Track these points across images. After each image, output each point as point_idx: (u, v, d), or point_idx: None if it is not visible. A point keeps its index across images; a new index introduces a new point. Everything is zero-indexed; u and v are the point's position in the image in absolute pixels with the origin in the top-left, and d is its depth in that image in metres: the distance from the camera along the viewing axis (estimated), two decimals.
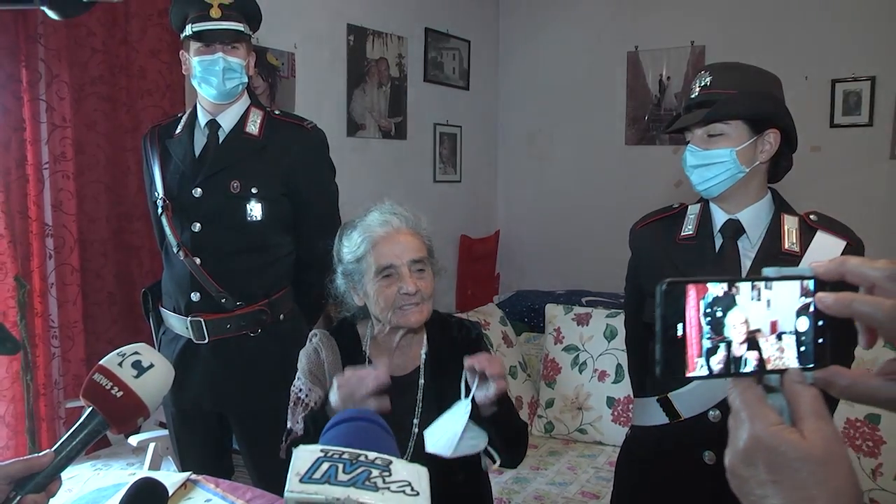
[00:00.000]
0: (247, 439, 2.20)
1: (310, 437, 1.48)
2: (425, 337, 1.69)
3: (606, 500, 2.56)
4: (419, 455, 1.55)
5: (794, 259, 1.59)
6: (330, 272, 1.70)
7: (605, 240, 4.42)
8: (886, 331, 0.60)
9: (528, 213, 4.94)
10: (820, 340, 0.63)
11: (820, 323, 0.63)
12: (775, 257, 1.60)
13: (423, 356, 1.67)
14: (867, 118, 3.80)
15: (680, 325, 0.60)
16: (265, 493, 1.66)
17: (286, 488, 0.64)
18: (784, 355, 0.62)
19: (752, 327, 0.62)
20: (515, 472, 2.86)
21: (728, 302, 0.61)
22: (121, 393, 0.98)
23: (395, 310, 1.57)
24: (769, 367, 0.62)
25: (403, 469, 0.68)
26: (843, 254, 1.58)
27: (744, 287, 0.62)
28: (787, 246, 1.61)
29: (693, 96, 1.67)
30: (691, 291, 0.61)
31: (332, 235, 1.73)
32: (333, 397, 1.42)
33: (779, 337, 0.62)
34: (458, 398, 1.60)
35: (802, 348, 0.63)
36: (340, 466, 0.66)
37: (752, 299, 0.62)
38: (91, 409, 0.98)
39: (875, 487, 2.68)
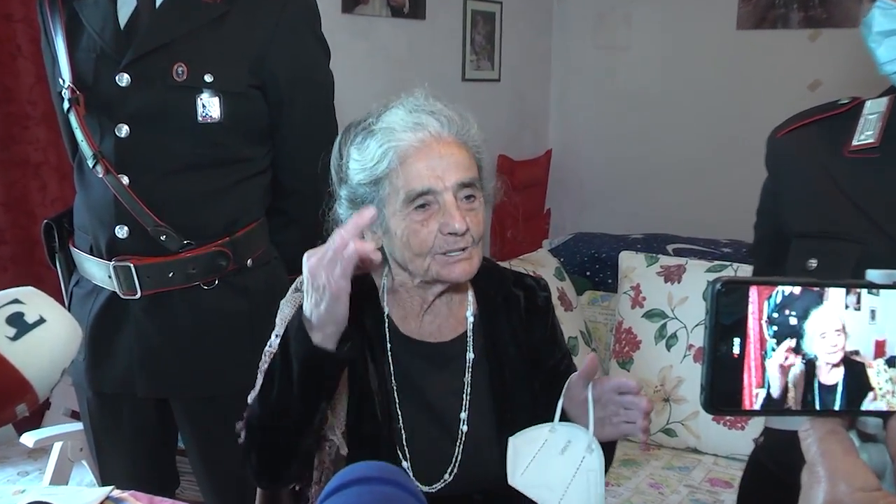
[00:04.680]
0: (197, 436, 2.15)
1: (276, 380, 1.42)
2: (471, 293, 1.66)
3: None
4: (468, 467, 1.56)
5: None
6: (326, 199, 1.64)
7: (700, 165, 4.44)
8: None
9: (591, 126, 4.90)
10: None
11: None
12: None
13: (471, 320, 1.64)
14: None
15: (737, 340, 0.62)
16: None
17: None
18: None
19: (848, 347, 0.61)
20: None
21: (809, 306, 0.61)
22: None
23: (434, 256, 1.51)
24: (871, 405, 0.62)
25: None
26: None
27: (835, 290, 0.61)
28: None
29: None
30: (753, 293, 0.62)
31: (325, 146, 1.66)
32: (307, 303, 1.36)
33: (889, 363, 0.62)
34: (520, 389, 1.61)
35: None
36: None
37: (848, 307, 0.61)
38: None
39: None
